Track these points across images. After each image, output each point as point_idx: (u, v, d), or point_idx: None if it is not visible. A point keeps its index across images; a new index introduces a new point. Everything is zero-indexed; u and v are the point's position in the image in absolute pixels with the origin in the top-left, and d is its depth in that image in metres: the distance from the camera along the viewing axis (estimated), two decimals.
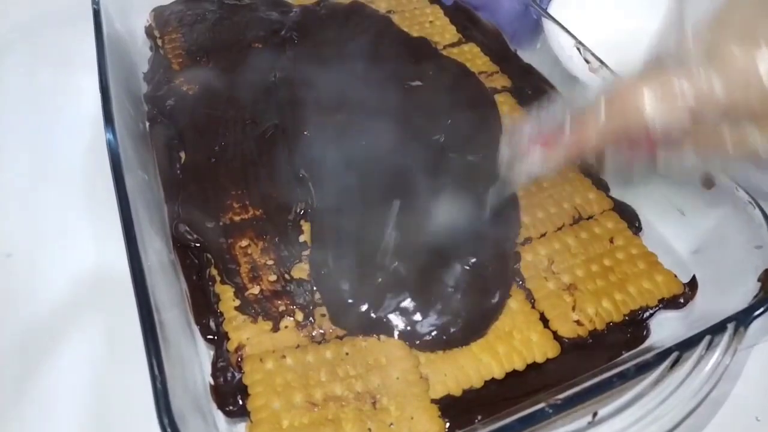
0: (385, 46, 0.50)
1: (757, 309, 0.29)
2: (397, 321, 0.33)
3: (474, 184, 0.38)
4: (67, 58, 0.54)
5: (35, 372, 0.36)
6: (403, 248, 0.36)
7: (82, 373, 0.36)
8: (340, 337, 0.33)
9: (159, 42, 0.51)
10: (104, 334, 0.37)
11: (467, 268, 0.35)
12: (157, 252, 0.35)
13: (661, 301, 0.35)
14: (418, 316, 0.33)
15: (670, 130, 0.24)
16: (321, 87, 0.46)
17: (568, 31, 0.45)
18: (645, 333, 0.35)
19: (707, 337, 0.28)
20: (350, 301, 0.34)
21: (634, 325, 0.35)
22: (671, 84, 0.24)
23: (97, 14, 0.45)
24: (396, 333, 0.33)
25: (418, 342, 0.33)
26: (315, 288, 0.35)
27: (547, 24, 0.47)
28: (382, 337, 0.33)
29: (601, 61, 0.42)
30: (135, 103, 0.46)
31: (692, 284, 0.36)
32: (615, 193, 0.42)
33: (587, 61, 0.43)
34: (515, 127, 0.31)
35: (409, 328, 0.33)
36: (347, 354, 0.32)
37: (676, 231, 0.39)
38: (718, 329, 0.28)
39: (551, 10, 0.51)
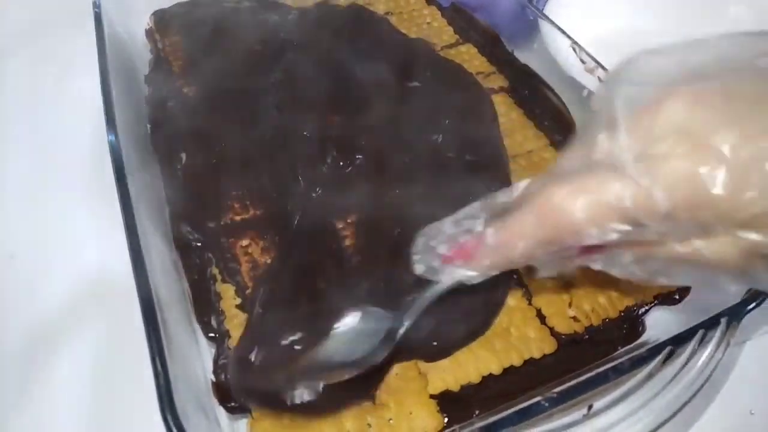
0: (383, 48, 0.51)
1: (750, 304, 0.29)
2: None
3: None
4: (68, 60, 0.55)
5: (39, 371, 0.36)
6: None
7: (85, 373, 0.36)
8: None
9: (159, 44, 0.52)
10: (107, 334, 0.38)
11: None
12: (159, 252, 0.36)
13: (656, 297, 0.36)
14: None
15: (607, 240, 0.22)
16: (319, 88, 0.46)
17: (563, 32, 0.45)
18: (640, 329, 0.35)
19: (700, 332, 0.28)
20: None
21: (630, 321, 0.35)
22: (607, 190, 0.21)
23: (98, 17, 0.46)
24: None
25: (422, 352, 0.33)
26: None
27: (544, 25, 0.47)
28: None
29: (597, 62, 0.43)
30: (136, 105, 0.47)
31: None
32: None
33: (583, 62, 0.44)
34: (430, 230, 0.27)
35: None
36: None
37: None
38: (711, 324, 0.28)
39: (547, 11, 0.52)
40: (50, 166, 0.48)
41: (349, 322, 0.28)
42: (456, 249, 0.25)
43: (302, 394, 0.28)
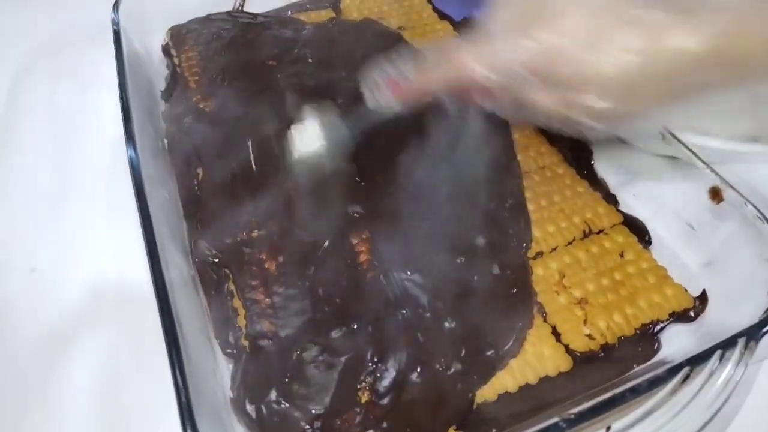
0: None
1: (767, 324, 0.29)
2: None
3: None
4: (88, 75, 0.56)
5: (57, 384, 0.37)
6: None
7: (103, 384, 0.37)
8: None
9: (176, 60, 0.53)
10: (126, 346, 0.38)
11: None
12: (177, 267, 0.36)
13: (671, 314, 0.36)
14: None
15: (486, 83, 0.30)
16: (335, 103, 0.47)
17: None
18: (656, 346, 0.35)
19: (718, 352, 0.28)
20: None
21: (645, 339, 0.35)
22: (486, 47, 0.30)
23: (117, 35, 0.47)
24: None
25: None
26: None
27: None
28: None
29: None
30: (153, 120, 0.47)
31: (702, 298, 0.37)
32: (624, 207, 0.42)
33: None
34: (375, 70, 0.35)
35: None
36: None
37: (686, 245, 0.39)
38: (728, 344, 0.28)
39: None
40: (70, 181, 0.48)
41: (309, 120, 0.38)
42: (390, 83, 0.34)
43: None
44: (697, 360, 0.28)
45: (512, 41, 0.29)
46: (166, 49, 0.55)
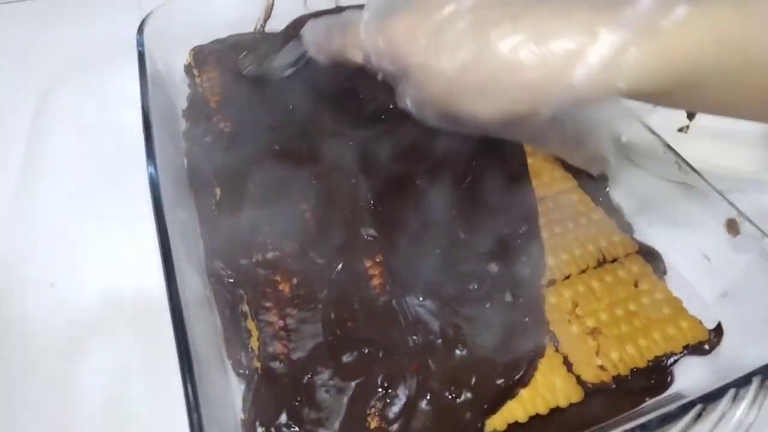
0: None
1: None
2: None
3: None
4: (112, 94, 0.57)
5: (72, 397, 0.37)
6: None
7: (117, 399, 0.37)
8: None
9: (197, 80, 0.54)
10: (140, 363, 0.39)
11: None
12: (193, 286, 0.37)
13: (686, 347, 0.36)
14: None
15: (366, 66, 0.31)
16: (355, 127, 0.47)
17: None
18: (669, 379, 0.35)
19: (732, 390, 0.28)
20: None
21: (658, 372, 0.35)
22: (354, 33, 0.30)
23: (141, 56, 0.48)
24: None
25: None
26: None
27: None
28: None
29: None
30: (173, 139, 0.48)
31: (718, 331, 0.36)
32: (640, 235, 0.42)
33: None
34: (310, 24, 0.37)
35: None
36: None
37: (702, 276, 0.39)
38: (743, 382, 0.28)
39: None
40: (91, 197, 0.49)
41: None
42: (318, 41, 0.35)
43: None
44: (710, 398, 0.28)
45: (368, 30, 0.29)
46: (188, 69, 0.56)
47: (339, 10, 0.56)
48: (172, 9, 0.55)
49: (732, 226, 0.36)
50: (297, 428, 0.31)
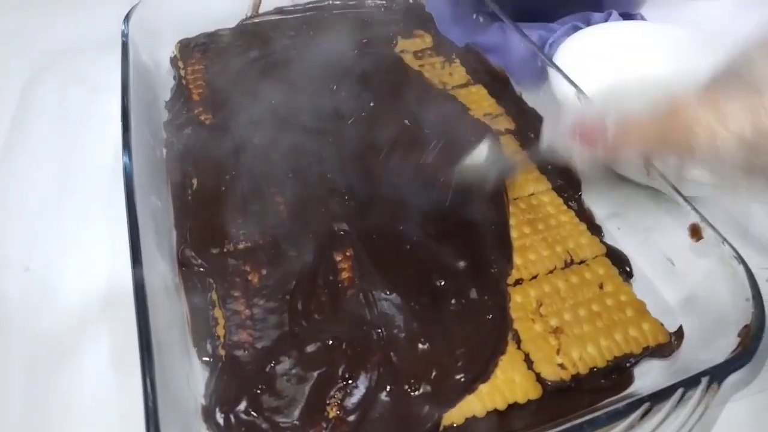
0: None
1: (732, 365, 0.29)
2: None
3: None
4: (97, 82, 0.58)
5: (45, 381, 0.38)
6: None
7: (88, 384, 0.37)
8: None
9: (182, 72, 0.54)
10: (114, 347, 0.39)
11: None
12: (162, 274, 0.37)
13: (646, 349, 0.36)
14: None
15: (717, 155, 0.24)
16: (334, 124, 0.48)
17: (570, 81, 0.46)
18: (628, 380, 0.35)
19: (680, 389, 0.28)
20: None
21: (618, 372, 0.35)
22: (730, 109, 0.24)
23: (124, 46, 0.49)
24: None
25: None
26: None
27: (552, 72, 0.49)
28: None
29: None
30: (155, 130, 0.49)
31: (678, 334, 0.37)
32: (608, 238, 0.43)
33: None
34: (560, 115, 0.31)
35: None
36: None
37: (666, 280, 0.39)
38: (691, 382, 0.29)
39: (557, 57, 0.53)
40: (71, 183, 0.50)
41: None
42: (581, 132, 0.29)
43: None
44: (659, 396, 0.28)
45: (744, 102, 0.23)
46: (174, 61, 0.56)
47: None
48: (161, 1, 0.55)
49: (695, 232, 0.37)
50: (256, 415, 0.32)
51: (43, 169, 0.51)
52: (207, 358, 0.35)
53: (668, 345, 0.36)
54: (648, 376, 0.36)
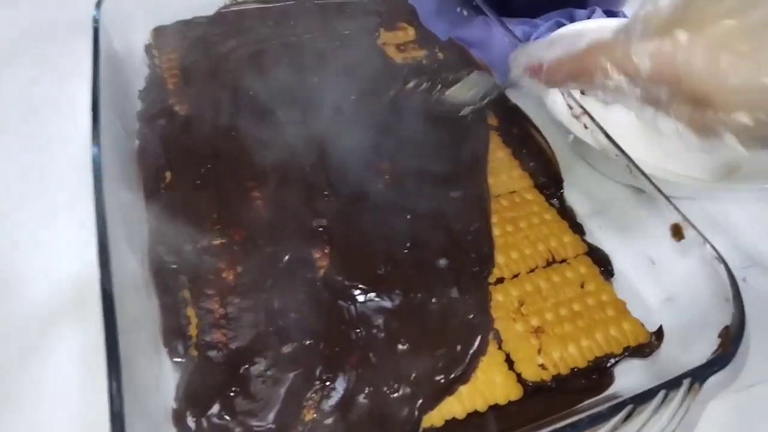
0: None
1: (713, 366, 0.29)
2: None
3: None
4: (67, 69, 0.56)
5: (11, 384, 0.36)
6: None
7: (57, 386, 0.36)
8: None
9: (156, 61, 0.52)
10: (82, 348, 0.37)
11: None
12: (131, 271, 0.36)
13: (626, 349, 0.36)
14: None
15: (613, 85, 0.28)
16: (312, 114, 0.47)
17: None
18: (609, 380, 0.35)
19: (662, 391, 0.28)
20: None
21: (599, 372, 0.35)
22: (622, 47, 0.27)
23: (96, 32, 0.47)
24: None
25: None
26: None
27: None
28: None
29: (583, 108, 0.43)
30: (127, 120, 0.47)
31: (659, 334, 0.37)
32: (590, 237, 0.42)
33: (570, 107, 0.44)
34: (517, 51, 0.36)
35: None
36: None
37: (647, 279, 0.39)
38: (673, 384, 0.28)
39: None
40: (38, 174, 0.48)
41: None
42: (528, 67, 0.34)
43: None
44: (641, 398, 0.28)
45: (647, 43, 0.26)
46: (148, 49, 0.54)
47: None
48: None
49: (677, 232, 0.37)
50: (229, 418, 0.31)
51: (10, 161, 0.48)
52: (178, 359, 0.34)
53: (648, 345, 0.36)
54: (628, 376, 0.35)
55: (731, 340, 0.30)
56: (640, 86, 0.27)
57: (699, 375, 0.29)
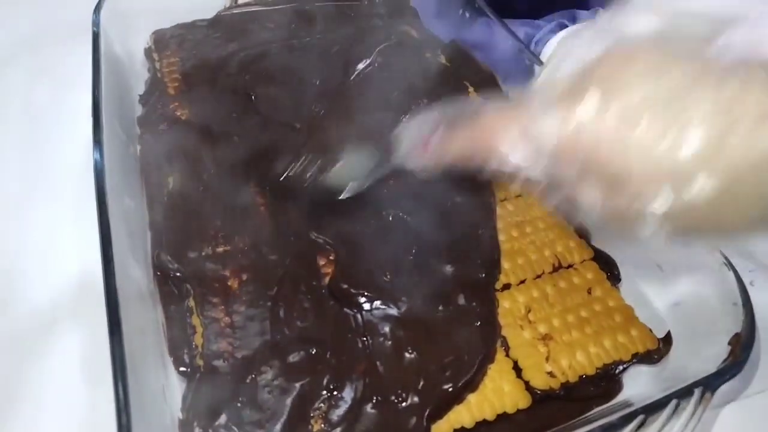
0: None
1: (725, 375, 0.29)
2: None
3: None
4: (66, 74, 0.55)
5: (11, 389, 0.36)
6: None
7: (59, 394, 0.36)
8: None
9: (157, 65, 0.52)
10: (83, 356, 0.37)
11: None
12: (135, 280, 0.35)
13: (635, 355, 0.36)
14: None
15: (514, 161, 0.25)
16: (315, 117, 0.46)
17: None
18: (617, 387, 0.35)
19: (674, 401, 0.28)
20: None
21: (607, 379, 0.35)
22: (523, 118, 0.24)
23: (96, 36, 0.46)
24: None
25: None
26: None
27: (539, 70, 0.48)
28: None
29: None
30: (128, 125, 0.47)
31: (667, 340, 0.36)
32: (596, 242, 0.42)
33: None
34: (409, 125, 0.32)
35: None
36: None
37: (654, 285, 0.39)
38: (685, 393, 0.28)
39: (544, 56, 0.52)
40: (38, 180, 0.47)
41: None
42: (419, 143, 0.30)
43: None
44: (653, 408, 0.28)
45: (551, 115, 0.23)
46: (148, 53, 0.54)
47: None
48: None
49: None
50: (236, 429, 0.30)
51: (9, 168, 0.48)
52: (184, 369, 0.33)
53: (657, 351, 0.36)
54: (637, 383, 0.35)
55: (742, 347, 0.30)
56: (543, 165, 0.24)
57: (710, 384, 0.29)
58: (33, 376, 0.36)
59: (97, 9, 0.48)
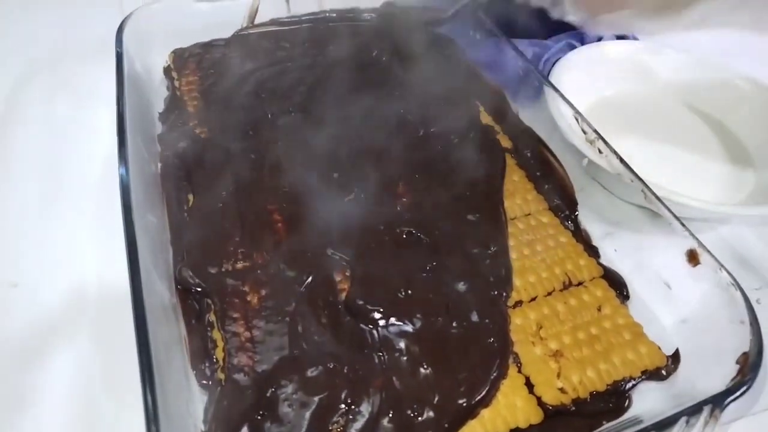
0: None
1: (733, 393, 0.30)
2: None
3: None
4: (86, 91, 0.57)
5: (32, 402, 0.37)
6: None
7: (78, 405, 0.36)
8: None
9: (176, 83, 0.53)
10: (102, 367, 0.38)
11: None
12: (159, 294, 0.36)
13: (644, 372, 0.36)
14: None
15: None
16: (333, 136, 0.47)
17: (567, 101, 0.47)
18: (627, 403, 0.36)
19: (683, 418, 0.29)
20: None
21: (617, 395, 0.36)
22: None
23: (119, 57, 0.48)
24: None
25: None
26: None
27: (548, 91, 0.49)
28: None
29: (598, 133, 0.44)
30: (148, 142, 0.48)
31: (675, 357, 0.37)
32: (605, 260, 0.43)
33: (584, 132, 0.45)
34: None
35: None
36: None
37: (663, 303, 0.40)
38: (694, 411, 0.29)
39: (553, 75, 0.54)
40: (58, 196, 0.48)
41: None
42: None
43: None
44: (663, 425, 0.29)
45: None
46: (167, 71, 0.55)
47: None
48: (154, 11, 0.54)
49: (692, 257, 0.37)
50: None
51: (30, 180, 0.49)
52: (205, 382, 0.34)
53: (665, 368, 0.37)
54: (646, 399, 0.36)
55: (750, 366, 0.31)
56: None
57: (719, 401, 0.29)
58: (55, 395, 0.37)
59: (120, 29, 0.50)
